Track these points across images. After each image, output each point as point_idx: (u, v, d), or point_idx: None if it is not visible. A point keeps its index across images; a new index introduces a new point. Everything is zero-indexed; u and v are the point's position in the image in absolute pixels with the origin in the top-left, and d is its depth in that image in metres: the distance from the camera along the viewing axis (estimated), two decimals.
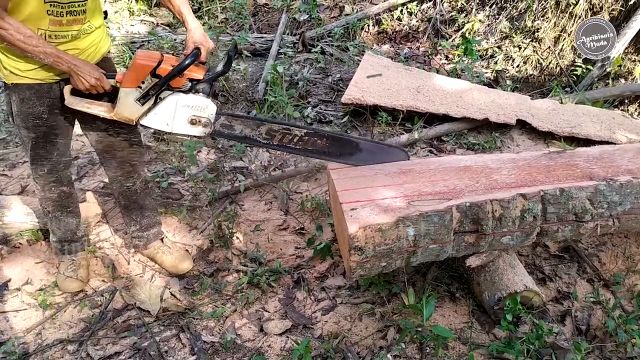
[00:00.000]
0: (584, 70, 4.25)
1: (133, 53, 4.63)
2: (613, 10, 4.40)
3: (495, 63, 4.71)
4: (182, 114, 2.12)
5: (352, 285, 2.51)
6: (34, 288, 2.58)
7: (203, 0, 5.76)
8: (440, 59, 4.90)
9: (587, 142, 3.38)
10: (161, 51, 2.19)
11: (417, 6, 5.31)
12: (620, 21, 4.34)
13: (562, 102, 3.71)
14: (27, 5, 1.93)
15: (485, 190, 2.21)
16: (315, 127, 3.01)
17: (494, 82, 4.47)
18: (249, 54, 4.75)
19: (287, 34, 5.19)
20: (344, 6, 5.46)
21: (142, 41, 4.99)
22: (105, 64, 2.27)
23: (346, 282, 2.54)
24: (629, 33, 4.16)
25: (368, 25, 5.25)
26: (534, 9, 4.70)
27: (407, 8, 5.31)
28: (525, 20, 4.74)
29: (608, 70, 4.16)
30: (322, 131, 2.40)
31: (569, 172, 2.33)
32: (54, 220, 2.51)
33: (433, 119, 3.64)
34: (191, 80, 2.10)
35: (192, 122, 2.14)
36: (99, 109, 2.16)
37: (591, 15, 4.47)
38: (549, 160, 2.45)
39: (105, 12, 2.30)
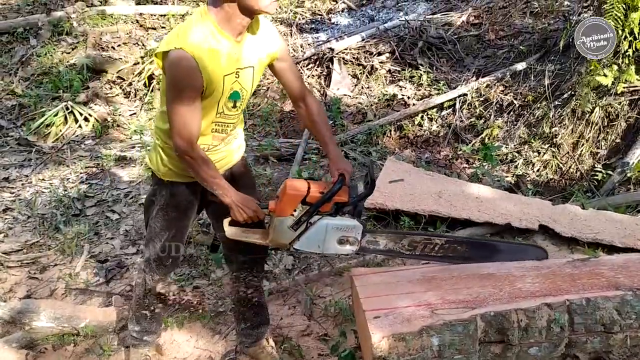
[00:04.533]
0: (605, 176, 4.30)
1: None
2: (629, 117, 4.52)
3: (516, 167, 4.80)
4: (332, 236, 2.25)
5: None
6: None
7: None
8: (461, 163, 5.02)
9: (612, 248, 3.36)
10: (305, 178, 2.36)
11: (437, 113, 5.52)
12: (637, 128, 4.44)
13: (584, 208, 3.73)
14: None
15: (510, 299, 2.20)
16: (454, 235, 3.21)
17: (515, 187, 4.53)
18: (274, 160, 4.94)
19: (312, 139, 5.39)
20: (366, 112, 5.70)
21: None
22: (242, 163, 2.51)
23: None
24: None
25: (390, 131, 5.44)
26: (550, 116, 4.85)
27: (427, 114, 5.52)
28: (543, 127, 4.88)
29: (629, 175, 4.20)
30: (461, 237, 2.61)
31: (594, 281, 2.31)
32: (146, 311, 2.57)
33: (455, 223, 3.68)
34: (337, 203, 2.24)
35: (341, 242, 2.27)
36: (255, 237, 2.34)
37: (608, 123, 4.59)
38: (573, 269, 2.45)
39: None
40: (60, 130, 5.53)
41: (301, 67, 6.35)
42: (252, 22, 2.13)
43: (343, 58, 6.28)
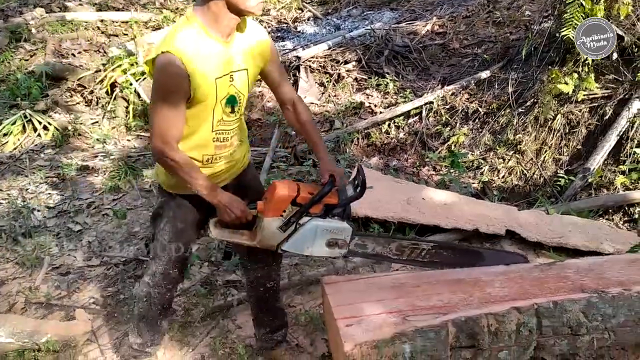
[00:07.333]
0: (567, 181, 4.39)
1: (129, 167, 4.75)
2: (590, 124, 4.64)
3: (482, 174, 4.87)
4: (321, 238, 2.23)
5: None
6: None
7: None
8: (429, 170, 5.06)
9: (575, 252, 3.43)
10: (293, 179, 2.32)
11: (404, 120, 5.57)
12: (597, 135, 4.56)
13: (548, 213, 3.80)
14: (196, 135, 2.13)
15: (480, 304, 2.21)
16: (440, 240, 3.22)
17: (481, 193, 4.60)
18: None
19: (280, 148, 5.36)
20: (334, 120, 5.71)
21: (139, 155, 5.14)
22: (250, 170, 2.48)
23: None
24: (606, 146, 4.36)
25: (358, 139, 5.45)
26: (514, 124, 4.95)
27: (394, 122, 5.56)
28: (507, 134, 4.97)
29: (590, 180, 4.30)
30: (446, 243, 2.64)
31: (561, 285, 2.34)
32: (150, 324, 2.52)
33: (424, 230, 3.70)
34: (326, 205, 2.21)
35: (330, 245, 2.24)
36: (242, 238, 2.29)
37: (569, 130, 4.70)
38: (541, 273, 2.48)
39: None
40: (19, 139, 5.37)
41: None
42: (241, 23, 2.10)
43: (310, 66, 6.29)
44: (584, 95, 4.64)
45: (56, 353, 2.82)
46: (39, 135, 5.43)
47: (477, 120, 5.31)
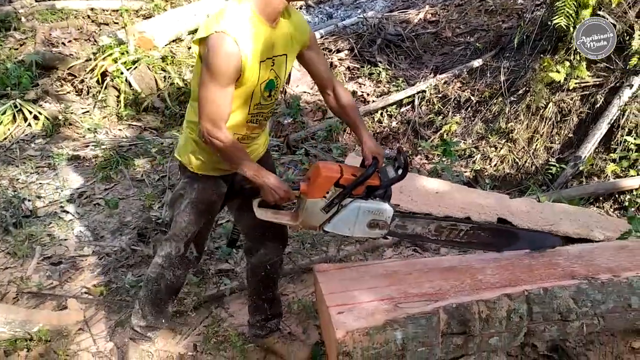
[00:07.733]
0: (558, 169, 4.41)
1: (120, 157, 4.72)
2: (581, 112, 4.65)
3: (474, 162, 4.89)
4: (363, 219, 2.24)
5: None
6: None
7: None
8: (421, 159, 5.07)
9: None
10: (336, 162, 2.33)
11: (396, 109, 5.57)
12: (588, 123, 4.58)
13: (539, 201, 3.82)
14: (232, 116, 2.13)
15: (471, 291, 2.23)
16: (479, 221, 3.25)
17: (474, 181, 4.61)
18: None
19: (272, 137, 5.35)
20: (326, 109, 5.69)
21: (130, 145, 5.11)
22: (267, 155, 2.52)
23: None
24: (597, 134, 4.38)
25: None
26: (506, 112, 4.96)
27: (386, 111, 5.56)
28: (499, 122, 4.97)
29: (581, 168, 4.32)
30: (485, 224, 2.66)
31: (551, 271, 2.37)
32: (156, 307, 2.52)
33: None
34: (368, 186, 2.22)
35: (371, 226, 2.26)
36: (285, 218, 2.32)
37: (561, 118, 4.72)
38: (531, 259, 2.50)
39: None
40: (9, 129, 5.32)
41: None
42: (285, 9, 2.12)
43: None
44: (576, 83, 4.65)
45: (48, 342, 2.82)
46: (29, 124, 5.38)
47: (469, 108, 5.31)
